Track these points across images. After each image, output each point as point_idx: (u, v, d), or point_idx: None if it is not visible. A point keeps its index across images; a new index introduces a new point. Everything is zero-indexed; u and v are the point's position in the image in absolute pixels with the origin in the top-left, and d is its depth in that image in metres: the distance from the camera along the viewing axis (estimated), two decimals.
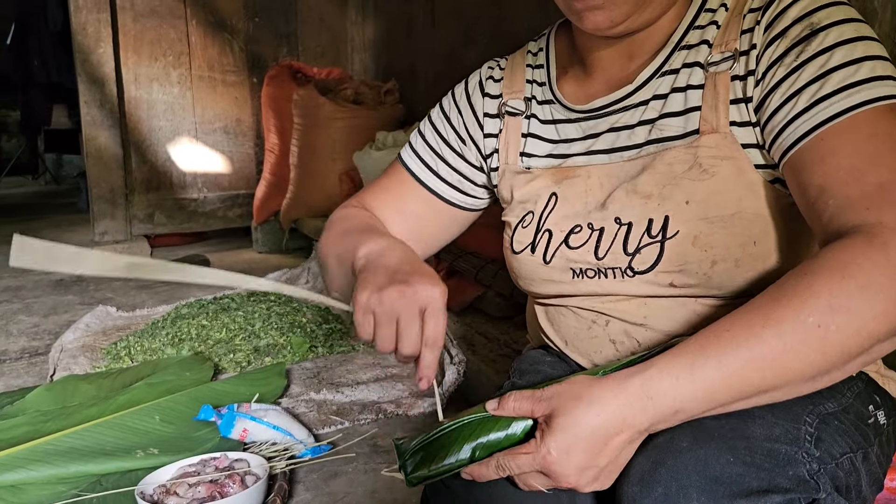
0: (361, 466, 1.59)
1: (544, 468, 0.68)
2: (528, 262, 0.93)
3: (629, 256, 0.84)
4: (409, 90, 3.79)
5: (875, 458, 0.81)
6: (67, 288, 3.46)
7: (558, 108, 0.96)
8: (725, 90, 0.81)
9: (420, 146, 1.07)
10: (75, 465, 1.42)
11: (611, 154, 0.89)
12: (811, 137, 0.73)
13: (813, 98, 0.74)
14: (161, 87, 4.10)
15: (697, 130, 0.82)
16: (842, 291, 0.64)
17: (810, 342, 0.63)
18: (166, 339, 2.36)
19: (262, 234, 4.23)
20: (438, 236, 1.09)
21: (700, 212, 0.80)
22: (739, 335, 0.66)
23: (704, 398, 0.66)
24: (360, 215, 1.03)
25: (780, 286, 0.67)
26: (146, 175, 4.15)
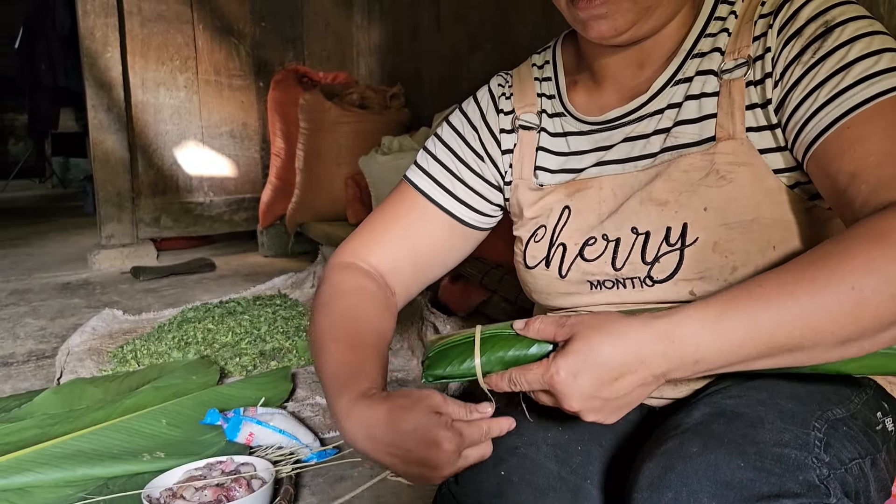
0: (367, 471, 1.59)
1: (551, 387, 0.69)
2: (542, 276, 0.93)
3: (648, 265, 0.84)
4: (414, 94, 3.79)
5: (883, 464, 0.81)
6: (74, 291, 3.47)
7: (570, 121, 0.96)
8: (741, 96, 0.81)
9: (432, 167, 1.03)
10: (82, 468, 1.42)
11: (624, 164, 0.89)
12: (836, 127, 0.73)
13: (834, 90, 0.74)
14: (168, 91, 4.11)
15: (714, 137, 0.82)
16: (879, 255, 0.63)
17: (843, 303, 0.63)
18: (172, 342, 2.36)
19: (267, 238, 4.24)
20: (446, 259, 1.05)
21: (719, 218, 0.80)
22: (771, 291, 0.65)
23: (728, 351, 0.65)
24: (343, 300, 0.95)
25: (816, 250, 0.67)
26: (153, 179, 4.16)
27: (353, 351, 0.88)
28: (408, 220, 1.02)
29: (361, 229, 1.04)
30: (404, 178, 1.05)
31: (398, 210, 1.03)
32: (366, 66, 4.48)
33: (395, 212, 1.03)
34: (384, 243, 1.01)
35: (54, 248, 4.70)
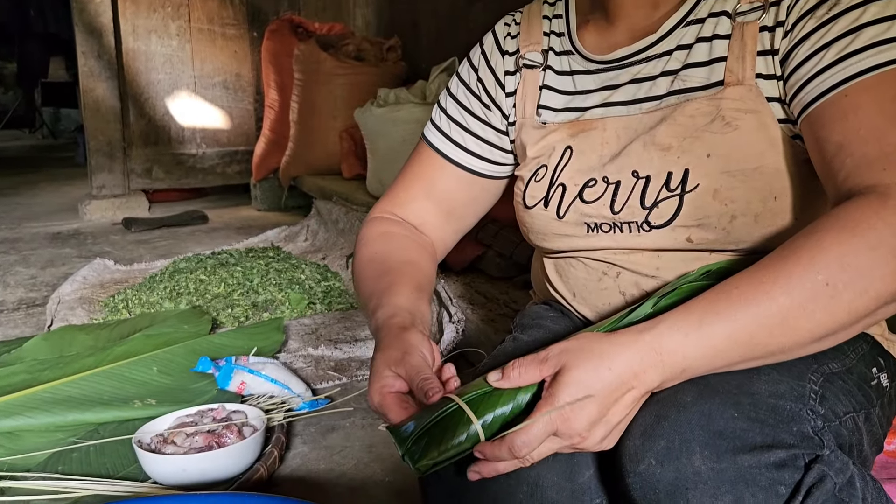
0: (359, 421, 1.59)
1: (559, 426, 0.64)
2: (540, 216, 0.92)
3: (646, 210, 0.83)
4: (411, 47, 3.73)
5: (876, 419, 0.81)
6: (64, 241, 3.45)
7: (577, 59, 0.93)
8: (753, 41, 0.79)
9: (444, 122, 1.03)
10: (73, 414, 1.42)
11: (629, 106, 0.87)
12: (835, 93, 0.71)
13: (841, 53, 0.72)
14: (160, 39, 4.04)
15: (722, 82, 0.80)
16: (851, 249, 0.63)
17: (818, 299, 0.62)
18: (164, 292, 2.35)
19: (261, 192, 4.20)
20: (475, 209, 1.06)
21: (721, 165, 0.79)
22: (748, 292, 0.64)
23: (712, 356, 0.65)
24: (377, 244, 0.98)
25: (789, 244, 0.66)
26: (144, 129, 4.10)
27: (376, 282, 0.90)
28: (427, 179, 1.03)
29: (385, 194, 1.06)
30: (422, 135, 1.06)
31: (417, 170, 1.04)
32: (362, 18, 4.39)
33: (413, 172, 1.05)
34: (407, 202, 1.03)
35: (45, 199, 4.66)
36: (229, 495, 1.00)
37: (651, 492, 0.64)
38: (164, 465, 1.24)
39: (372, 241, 0.99)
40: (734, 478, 0.61)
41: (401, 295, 0.86)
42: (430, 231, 1.03)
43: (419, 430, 0.69)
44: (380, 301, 0.86)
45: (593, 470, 0.77)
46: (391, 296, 0.86)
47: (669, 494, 0.63)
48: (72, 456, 1.31)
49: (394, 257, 0.96)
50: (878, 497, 0.68)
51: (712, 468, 0.62)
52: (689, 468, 0.62)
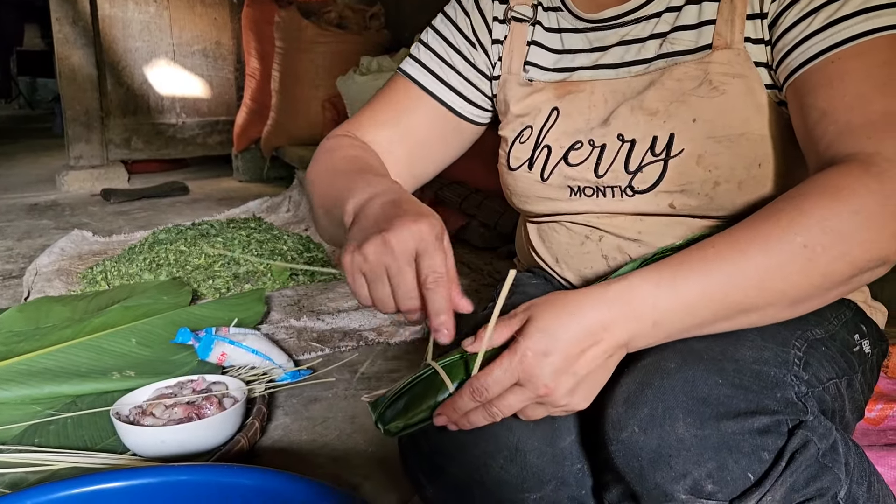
0: (341, 392, 1.59)
1: (521, 373, 0.63)
2: (524, 178, 0.90)
3: (630, 175, 0.81)
4: (394, 15, 3.67)
5: (858, 385, 0.81)
6: (42, 213, 3.40)
7: (566, 16, 0.91)
8: (743, 4, 0.77)
9: (425, 55, 0.99)
10: (49, 386, 1.39)
11: (618, 69, 0.86)
12: (821, 59, 0.70)
13: (829, 18, 0.71)
14: (136, 5, 3.95)
15: (710, 45, 0.79)
16: (832, 214, 0.62)
17: (795, 261, 0.62)
18: (144, 264, 2.32)
19: (242, 163, 4.16)
20: (441, 154, 1.02)
21: (707, 130, 0.78)
22: (724, 251, 0.64)
23: (684, 311, 0.63)
24: (348, 150, 0.94)
25: (769, 207, 0.66)
26: (122, 98, 4.03)
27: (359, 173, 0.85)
28: (401, 107, 0.99)
29: (353, 117, 1.01)
30: (398, 69, 1.02)
31: (391, 97, 1.00)
32: None
33: (387, 99, 1.00)
34: (380, 125, 0.98)
35: (22, 169, 4.58)
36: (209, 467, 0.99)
37: (634, 459, 0.63)
38: (142, 436, 1.22)
39: (336, 151, 0.93)
40: (717, 444, 0.61)
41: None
42: (391, 165, 0.96)
43: (393, 395, 0.69)
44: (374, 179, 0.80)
45: (575, 435, 0.76)
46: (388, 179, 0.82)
47: (652, 462, 0.62)
48: (49, 428, 1.30)
49: (366, 156, 0.91)
50: (860, 462, 0.68)
51: (695, 435, 0.61)
52: (672, 435, 0.62)
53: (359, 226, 0.72)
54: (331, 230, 0.88)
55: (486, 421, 0.66)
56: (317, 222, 0.93)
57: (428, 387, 0.69)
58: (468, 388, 0.65)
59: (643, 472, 0.63)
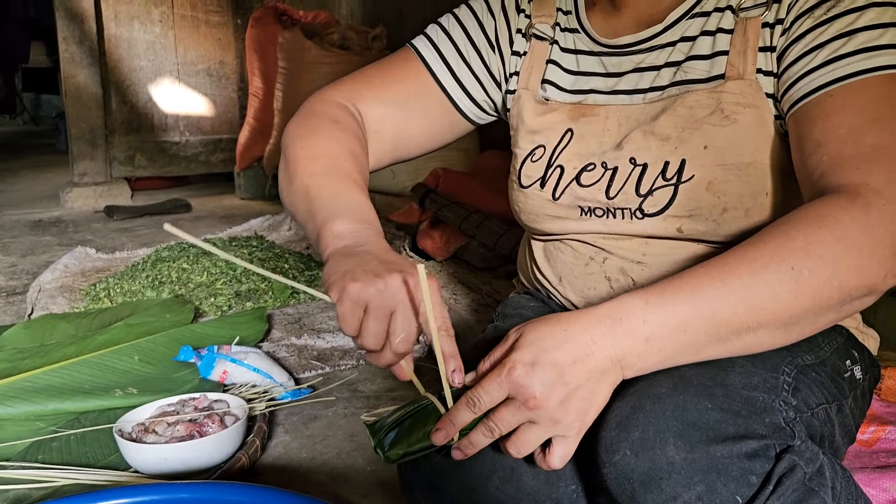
0: (341, 410, 1.60)
1: (510, 384, 0.65)
2: (535, 196, 0.92)
3: (641, 198, 0.84)
4: (397, 37, 3.71)
5: (849, 410, 0.83)
6: (45, 229, 3.42)
7: (583, 38, 0.94)
8: (756, 36, 0.80)
9: (442, 42, 0.99)
10: (53, 403, 1.41)
11: (632, 95, 0.88)
12: (821, 93, 0.73)
13: (833, 54, 0.73)
14: (142, 25, 4.00)
15: (723, 75, 0.81)
16: (817, 239, 0.64)
17: (783, 282, 0.64)
18: (146, 281, 2.34)
19: (244, 180, 4.18)
20: (427, 144, 1.02)
21: (717, 158, 0.80)
22: (712, 271, 0.66)
23: (675, 327, 0.64)
24: (335, 129, 0.91)
25: (758, 234, 0.68)
26: (127, 116, 4.07)
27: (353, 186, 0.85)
28: (407, 87, 0.98)
29: (354, 77, 0.99)
30: (410, 45, 1.01)
31: (400, 74, 0.99)
32: (347, 6, 4.37)
33: (394, 75, 0.99)
34: (380, 100, 0.97)
35: (25, 186, 4.61)
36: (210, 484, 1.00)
37: (626, 482, 0.65)
38: (144, 454, 1.24)
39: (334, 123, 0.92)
40: (707, 467, 0.63)
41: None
42: (376, 144, 0.97)
43: (392, 422, 0.72)
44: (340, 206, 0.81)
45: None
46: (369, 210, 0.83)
47: (644, 484, 0.64)
48: (52, 445, 1.31)
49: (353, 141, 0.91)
50: (846, 485, 0.69)
51: (685, 458, 0.63)
52: (663, 458, 0.64)
53: (362, 259, 0.72)
54: (299, 213, 0.87)
55: (486, 439, 0.68)
56: (286, 189, 0.91)
57: (426, 415, 0.71)
58: (464, 399, 0.67)
59: (635, 495, 0.64)
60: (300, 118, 0.95)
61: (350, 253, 0.74)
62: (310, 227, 0.83)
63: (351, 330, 0.69)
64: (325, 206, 0.82)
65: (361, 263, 0.71)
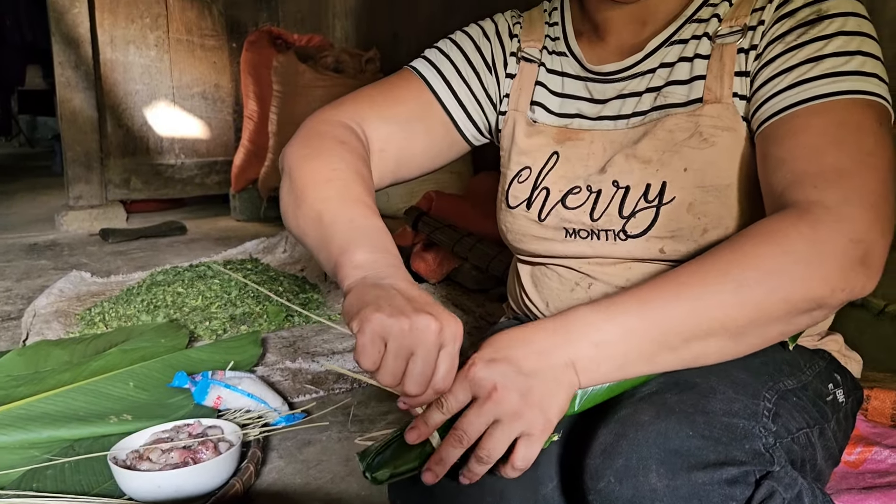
0: (335, 435, 1.61)
1: (471, 382, 0.67)
2: (521, 217, 0.94)
3: (624, 220, 0.86)
4: (390, 59, 3.75)
5: (832, 434, 0.84)
6: (41, 253, 3.43)
7: (571, 63, 0.97)
8: (731, 61, 0.83)
9: (443, 64, 1.01)
10: (48, 430, 1.42)
11: (616, 121, 0.91)
12: (787, 113, 0.76)
13: (800, 77, 0.76)
14: (138, 49, 4.03)
15: (701, 99, 0.84)
16: (764, 252, 0.67)
17: (729, 293, 0.67)
18: (141, 305, 2.35)
19: (240, 202, 4.20)
20: (427, 164, 1.03)
21: (697, 180, 0.82)
22: (662, 283, 0.69)
23: (623, 333, 0.67)
24: (341, 150, 0.89)
25: (711, 250, 0.71)
26: (122, 139, 4.09)
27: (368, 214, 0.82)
28: (412, 108, 0.99)
29: (356, 97, 0.99)
30: (410, 68, 1.02)
31: (401, 94, 0.99)
32: (341, 29, 4.41)
33: (397, 95, 0.99)
34: (384, 119, 0.97)
35: (21, 209, 4.62)
36: None
37: None
38: (138, 481, 1.24)
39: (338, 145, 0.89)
40: (688, 494, 0.64)
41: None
42: (378, 163, 0.97)
43: (380, 446, 0.74)
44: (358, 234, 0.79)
45: (556, 482, 0.80)
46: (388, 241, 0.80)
47: None
48: (46, 473, 1.32)
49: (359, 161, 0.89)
50: None
51: (668, 485, 0.64)
52: (645, 486, 0.65)
53: (386, 294, 0.70)
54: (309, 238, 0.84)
55: (456, 450, 0.68)
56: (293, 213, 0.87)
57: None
58: (435, 402, 0.69)
59: None
60: (303, 139, 0.93)
61: (373, 285, 0.72)
62: (323, 255, 0.81)
63: (370, 363, 0.66)
64: (341, 234, 0.79)
65: (387, 297, 0.69)
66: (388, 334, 0.66)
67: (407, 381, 0.67)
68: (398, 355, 0.66)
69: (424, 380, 0.67)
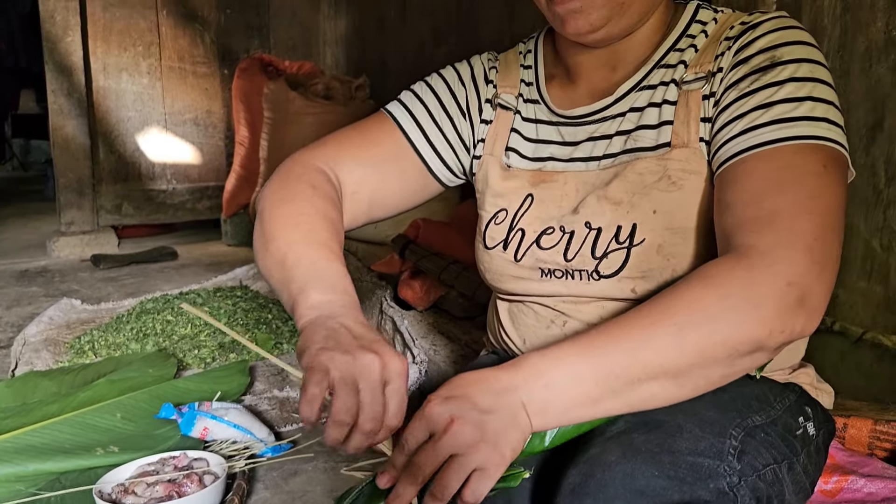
0: (321, 465, 1.61)
1: (427, 419, 0.67)
2: (498, 258, 0.97)
3: (596, 260, 0.88)
4: (380, 86, 3.79)
5: (801, 467, 0.85)
6: (31, 279, 3.43)
7: (542, 109, 1.00)
8: (697, 108, 0.86)
9: (415, 106, 1.04)
10: (34, 464, 1.42)
11: (588, 162, 0.93)
12: (736, 159, 0.79)
13: (751, 124, 0.79)
14: (130, 77, 4.06)
15: (669, 143, 0.87)
16: (701, 297, 0.70)
17: (668, 337, 0.69)
18: (131, 333, 2.36)
19: (231, 227, 4.21)
20: (401, 205, 1.07)
21: (666, 222, 0.85)
22: (606, 328, 0.72)
23: (569, 377, 0.69)
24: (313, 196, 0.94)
25: (654, 296, 0.74)
26: (114, 165, 4.11)
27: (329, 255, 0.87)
28: (384, 150, 1.02)
29: (332, 140, 1.03)
30: (384, 110, 1.06)
31: (376, 136, 1.03)
32: (332, 57, 4.46)
33: (372, 137, 1.03)
34: (358, 162, 1.01)
35: (12, 234, 4.62)
36: None
37: None
38: None
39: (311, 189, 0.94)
40: None
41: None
42: (353, 206, 1.01)
43: (356, 491, 0.77)
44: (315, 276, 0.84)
45: None
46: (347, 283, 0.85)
47: None
48: None
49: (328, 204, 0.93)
50: None
51: None
52: None
53: (334, 332, 0.74)
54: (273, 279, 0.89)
55: (412, 486, 0.68)
56: (262, 253, 0.92)
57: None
58: (399, 444, 0.70)
59: None
60: (278, 181, 0.97)
61: (323, 325, 0.76)
62: (285, 295, 0.86)
63: (309, 400, 0.69)
64: (300, 276, 0.84)
65: (334, 336, 0.74)
66: (333, 368, 0.70)
67: (360, 416, 0.70)
68: (343, 385, 0.69)
69: (375, 415, 0.70)
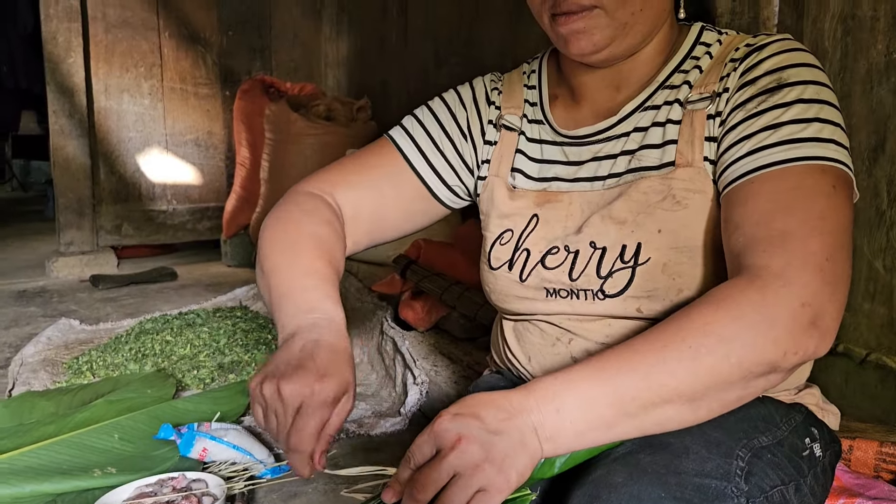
0: (321, 487, 1.60)
1: (436, 436, 0.67)
2: (504, 278, 0.97)
3: (602, 280, 0.88)
4: (381, 108, 3.81)
5: (808, 489, 0.85)
6: (30, 300, 3.42)
7: (546, 129, 1.00)
8: (702, 127, 0.86)
9: (415, 129, 1.05)
10: (31, 485, 1.40)
11: (593, 182, 0.94)
12: (744, 180, 0.79)
13: (758, 144, 0.79)
14: (132, 98, 4.08)
15: (673, 163, 0.87)
16: (714, 319, 0.69)
17: (682, 360, 0.68)
18: (129, 354, 2.35)
19: (231, 248, 4.21)
20: (403, 227, 1.08)
21: (670, 241, 0.85)
22: (619, 351, 0.71)
23: (582, 401, 0.69)
24: (312, 224, 0.97)
25: (666, 319, 0.73)
26: (114, 186, 4.12)
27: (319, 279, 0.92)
28: (382, 172, 1.04)
29: (331, 168, 1.06)
30: (386, 135, 1.07)
31: (374, 160, 1.05)
32: (333, 78, 4.49)
33: (370, 161, 1.05)
34: (353, 185, 1.03)
35: (12, 254, 4.61)
36: None
37: None
38: None
39: (312, 218, 0.98)
40: None
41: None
42: (354, 229, 1.03)
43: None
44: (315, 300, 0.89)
45: None
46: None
47: None
48: None
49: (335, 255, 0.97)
50: None
51: None
52: None
53: (279, 356, 0.81)
54: (265, 300, 0.96)
55: (417, 501, 0.68)
56: (259, 276, 0.98)
57: None
58: (404, 458, 0.71)
59: None
60: (278, 210, 1.01)
61: (285, 347, 0.82)
62: (273, 316, 0.92)
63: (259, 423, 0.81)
64: (285, 301, 0.89)
65: (273, 364, 0.81)
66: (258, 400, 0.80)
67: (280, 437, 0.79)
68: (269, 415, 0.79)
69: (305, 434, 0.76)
